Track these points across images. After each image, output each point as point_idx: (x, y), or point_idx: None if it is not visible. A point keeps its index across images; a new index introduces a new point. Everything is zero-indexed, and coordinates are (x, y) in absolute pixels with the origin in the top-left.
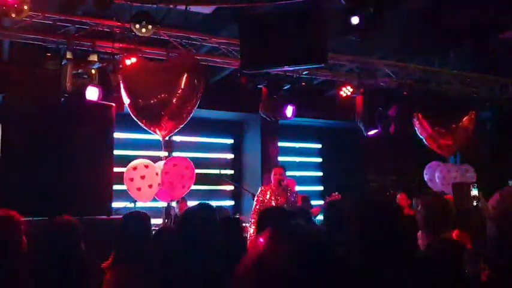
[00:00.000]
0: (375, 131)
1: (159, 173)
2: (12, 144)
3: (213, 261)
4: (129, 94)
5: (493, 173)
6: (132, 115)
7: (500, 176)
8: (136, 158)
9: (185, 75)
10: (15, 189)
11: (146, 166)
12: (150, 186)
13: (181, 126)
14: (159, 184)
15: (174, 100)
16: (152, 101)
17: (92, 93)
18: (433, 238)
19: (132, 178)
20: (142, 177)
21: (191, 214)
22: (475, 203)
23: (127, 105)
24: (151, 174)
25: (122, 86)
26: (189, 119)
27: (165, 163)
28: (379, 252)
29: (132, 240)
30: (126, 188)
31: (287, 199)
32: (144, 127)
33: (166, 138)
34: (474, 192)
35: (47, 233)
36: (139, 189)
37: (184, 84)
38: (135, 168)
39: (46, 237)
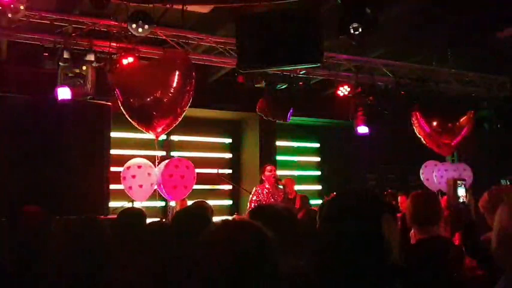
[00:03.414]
0: (366, 130)
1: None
2: (9, 144)
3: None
4: (121, 94)
5: (490, 172)
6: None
7: (498, 175)
8: (133, 158)
9: (177, 73)
10: (12, 189)
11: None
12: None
13: (175, 125)
14: (152, 184)
15: (166, 99)
16: (144, 101)
17: (64, 93)
18: (420, 232)
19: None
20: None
21: (184, 210)
22: (461, 200)
23: (120, 105)
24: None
25: (114, 85)
26: (181, 117)
27: (166, 164)
28: None
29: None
30: (122, 188)
31: (281, 198)
32: (138, 127)
33: (164, 137)
34: (462, 190)
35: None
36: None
37: (177, 82)
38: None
39: None
